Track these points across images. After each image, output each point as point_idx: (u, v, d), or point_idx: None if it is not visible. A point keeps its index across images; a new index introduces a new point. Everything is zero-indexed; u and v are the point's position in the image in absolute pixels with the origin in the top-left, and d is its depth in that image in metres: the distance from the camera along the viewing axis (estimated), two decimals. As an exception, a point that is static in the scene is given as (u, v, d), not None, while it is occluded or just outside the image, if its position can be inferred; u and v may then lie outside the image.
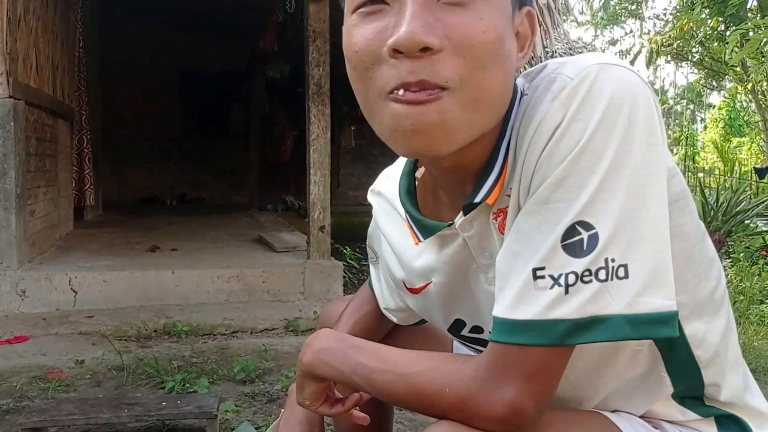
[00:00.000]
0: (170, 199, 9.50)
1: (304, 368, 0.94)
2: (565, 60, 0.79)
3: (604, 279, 0.69)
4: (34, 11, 4.34)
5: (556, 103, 0.73)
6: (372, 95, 0.76)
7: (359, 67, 0.76)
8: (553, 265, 0.71)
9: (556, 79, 0.75)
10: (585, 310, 0.69)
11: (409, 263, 0.98)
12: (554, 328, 0.70)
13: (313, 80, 4.20)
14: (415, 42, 0.69)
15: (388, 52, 0.71)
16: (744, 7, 8.79)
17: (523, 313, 0.71)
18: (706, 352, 0.85)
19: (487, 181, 0.81)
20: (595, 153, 0.70)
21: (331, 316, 1.27)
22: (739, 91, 16.42)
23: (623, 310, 0.69)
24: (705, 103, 25.77)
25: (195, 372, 2.83)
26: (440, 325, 1.01)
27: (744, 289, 4.52)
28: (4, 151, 3.69)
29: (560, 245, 0.71)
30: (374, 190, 1.09)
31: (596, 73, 0.73)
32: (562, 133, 0.72)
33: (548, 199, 0.72)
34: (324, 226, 4.24)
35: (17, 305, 3.69)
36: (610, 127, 0.70)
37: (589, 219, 0.70)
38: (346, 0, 0.79)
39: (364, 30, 0.75)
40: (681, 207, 0.80)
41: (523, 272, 0.72)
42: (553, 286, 0.70)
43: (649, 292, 0.70)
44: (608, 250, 0.69)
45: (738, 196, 7.11)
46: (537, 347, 0.71)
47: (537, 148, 0.74)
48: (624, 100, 0.71)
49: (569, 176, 0.71)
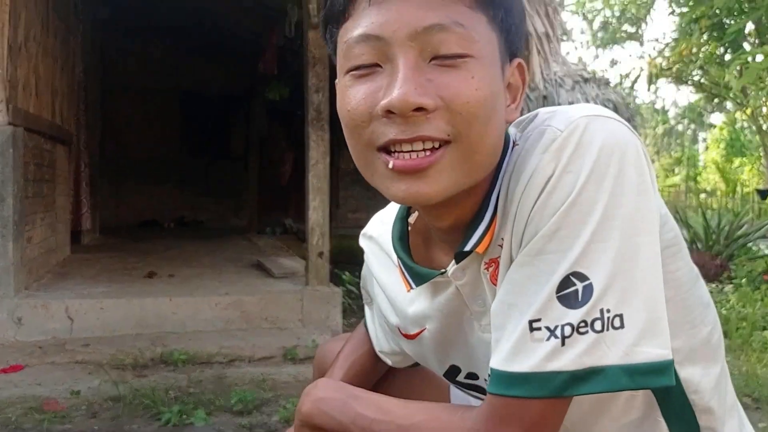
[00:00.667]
0: (168, 222, 9.48)
1: (302, 418, 0.93)
2: (554, 110, 0.81)
3: (600, 330, 0.70)
4: (35, 37, 4.36)
5: (546, 155, 0.74)
6: (364, 149, 0.78)
7: (350, 125, 0.78)
8: (549, 316, 0.71)
9: (546, 131, 0.77)
10: (582, 361, 0.69)
11: (403, 309, 0.98)
12: (552, 380, 0.70)
13: (312, 106, 4.20)
14: (408, 104, 0.71)
15: (382, 112, 0.73)
16: (741, 33, 8.88)
17: (520, 365, 0.72)
18: (701, 397, 0.85)
19: (477, 230, 0.82)
20: (586, 204, 0.71)
21: (327, 355, 1.26)
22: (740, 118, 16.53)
23: (620, 361, 0.69)
24: (706, 123, 25.91)
25: (192, 403, 2.80)
26: (435, 370, 1.01)
27: (746, 315, 4.48)
28: (3, 177, 3.68)
29: (555, 297, 0.71)
30: (366, 235, 1.10)
31: (585, 125, 0.74)
32: (553, 185, 0.73)
33: (542, 251, 0.73)
34: (323, 251, 4.22)
35: (13, 333, 3.66)
36: (600, 178, 0.72)
37: (583, 270, 0.71)
38: (339, 60, 0.81)
39: (356, 91, 0.77)
40: (673, 253, 0.81)
41: (519, 324, 0.73)
42: (550, 337, 0.71)
43: (644, 342, 0.70)
44: (603, 300, 0.70)
45: (740, 219, 7.10)
46: (535, 400, 0.71)
47: (529, 200, 0.75)
48: (613, 150, 0.73)
49: (562, 228, 0.72)
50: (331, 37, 0.84)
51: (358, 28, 0.76)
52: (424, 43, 0.73)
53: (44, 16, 4.63)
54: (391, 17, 0.74)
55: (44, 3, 4.63)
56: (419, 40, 0.73)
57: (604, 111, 0.78)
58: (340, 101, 0.80)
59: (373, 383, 1.17)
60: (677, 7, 13.35)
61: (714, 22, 9.11)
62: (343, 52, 0.79)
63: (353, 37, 0.77)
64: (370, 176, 0.80)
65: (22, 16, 4.01)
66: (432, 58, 0.74)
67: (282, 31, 5.54)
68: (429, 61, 0.74)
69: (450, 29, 0.73)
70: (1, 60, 3.64)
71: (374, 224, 1.09)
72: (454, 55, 0.73)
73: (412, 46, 0.73)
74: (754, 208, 10.73)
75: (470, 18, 0.75)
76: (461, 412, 0.80)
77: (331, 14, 0.81)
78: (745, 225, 7.17)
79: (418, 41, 0.73)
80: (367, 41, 0.75)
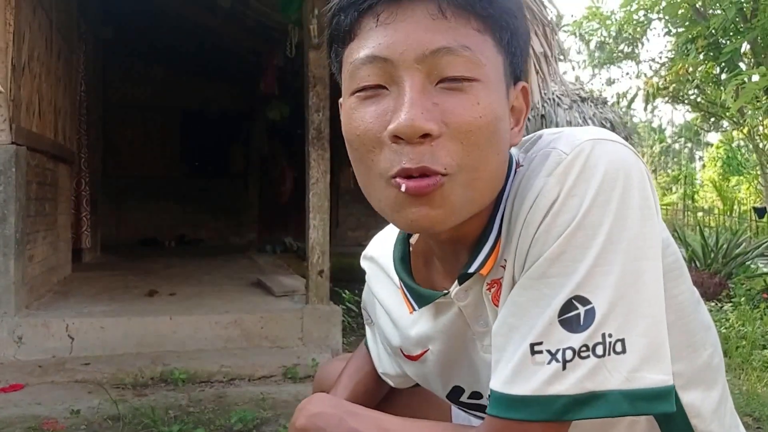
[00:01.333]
0: (169, 241, 9.49)
1: None
2: (559, 133, 0.81)
3: (602, 354, 0.69)
4: (38, 57, 4.40)
5: (551, 178, 0.74)
6: (374, 176, 0.77)
7: (360, 149, 0.77)
8: (551, 340, 0.71)
9: (551, 153, 0.77)
10: (583, 385, 0.69)
11: (405, 331, 0.97)
12: (552, 403, 0.70)
13: (312, 125, 4.23)
14: (415, 129, 0.71)
15: (389, 137, 0.73)
16: (737, 54, 8.95)
17: (520, 388, 0.72)
18: (702, 421, 0.84)
19: (482, 252, 0.82)
20: (591, 228, 0.71)
21: (327, 376, 1.25)
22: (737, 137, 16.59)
23: (621, 386, 0.69)
24: (703, 142, 26.01)
25: (192, 422, 2.79)
26: (438, 392, 1.00)
27: (746, 334, 4.48)
28: (5, 197, 3.70)
29: (557, 320, 0.71)
30: (367, 256, 1.09)
31: (590, 149, 0.74)
32: (558, 208, 0.73)
33: (545, 274, 0.73)
34: (323, 270, 4.23)
35: (13, 352, 3.65)
36: (605, 202, 0.72)
37: (586, 294, 0.70)
38: (344, 81, 0.80)
39: (363, 113, 0.76)
40: (675, 277, 0.81)
41: (520, 347, 0.73)
42: (551, 361, 0.70)
43: (646, 367, 0.70)
44: (605, 325, 0.70)
45: (738, 237, 7.10)
46: (535, 423, 0.71)
47: (533, 223, 0.75)
48: (618, 175, 0.73)
49: (566, 251, 0.72)
50: (336, 56, 0.82)
51: (365, 49, 0.75)
52: (432, 66, 0.73)
53: (47, 36, 4.67)
54: (399, 39, 0.73)
55: (47, 23, 4.68)
56: (426, 63, 0.73)
57: (609, 134, 0.78)
58: (347, 124, 0.79)
59: (377, 402, 1.16)
60: (673, 27, 13.46)
61: (710, 41, 9.19)
62: (349, 73, 0.78)
63: (359, 58, 0.75)
64: (377, 203, 0.78)
65: (26, 36, 4.05)
66: (438, 81, 0.73)
67: (282, 51, 5.58)
68: (436, 84, 0.73)
69: (458, 52, 0.73)
70: (4, 80, 3.67)
71: (375, 245, 1.08)
72: (461, 78, 0.73)
73: (419, 68, 0.73)
74: (752, 226, 10.73)
75: (478, 41, 0.74)
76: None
77: (336, 34, 0.80)
78: (743, 243, 7.17)
79: (425, 64, 0.73)
80: (374, 63, 0.74)
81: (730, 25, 8.05)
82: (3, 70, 3.67)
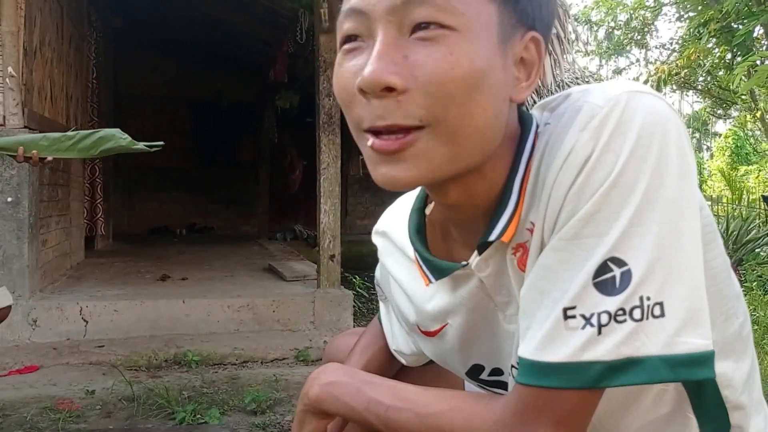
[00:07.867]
0: (180, 229, 9.53)
1: (309, 403, 0.88)
2: (588, 88, 0.76)
3: (639, 318, 0.65)
4: (50, 43, 4.41)
5: (585, 133, 0.69)
6: (356, 131, 0.75)
7: (343, 104, 0.75)
8: (585, 304, 0.67)
9: (583, 107, 0.71)
10: (620, 351, 0.65)
11: (421, 305, 0.93)
12: (587, 370, 0.66)
13: (323, 110, 4.23)
14: (376, 83, 0.68)
15: (358, 91, 0.70)
16: (750, 36, 8.84)
17: (553, 355, 0.68)
18: (734, 392, 0.80)
19: (502, 218, 0.77)
20: (627, 186, 0.67)
21: (337, 350, 1.22)
22: (749, 119, 16.43)
23: (660, 351, 0.65)
24: (711, 132, 25.82)
25: (206, 402, 2.82)
26: (458, 370, 0.96)
27: (758, 319, 4.47)
28: (19, 180, 3.72)
29: (592, 283, 0.67)
30: (378, 231, 1.05)
31: (626, 102, 0.69)
32: (593, 165, 0.68)
33: (578, 235, 0.68)
34: (334, 254, 4.24)
35: (28, 335, 3.69)
36: (642, 158, 0.67)
37: (622, 255, 0.66)
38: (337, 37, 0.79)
39: (344, 69, 0.74)
40: (710, 241, 0.76)
41: (552, 312, 0.69)
42: (585, 326, 0.66)
43: (686, 332, 0.66)
44: (643, 287, 0.66)
45: (748, 224, 7.07)
46: (569, 391, 0.68)
47: (566, 182, 0.70)
48: (655, 130, 0.68)
49: (600, 210, 0.67)
50: None
51: (346, 3, 0.74)
52: (403, 16, 0.69)
53: (58, 22, 4.69)
54: None
55: (58, 9, 4.69)
56: (398, 13, 0.69)
57: (645, 87, 0.73)
58: (333, 79, 0.77)
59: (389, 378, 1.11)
60: (684, 12, 13.33)
61: (723, 25, 9.07)
62: (338, 29, 0.76)
63: (342, 12, 0.74)
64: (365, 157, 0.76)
65: (37, 21, 4.06)
66: (412, 31, 0.69)
67: (293, 37, 5.57)
68: (410, 34, 0.70)
69: (431, 1, 0.68)
70: (16, 63, 3.69)
71: (386, 219, 1.04)
72: (434, 23, 0.68)
73: (391, 20, 0.69)
74: (761, 214, 10.65)
75: None
76: (486, 401, 0.76)
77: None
78: (754, 230, 7.14)
79: (397, 15, 0.69)
80: (352, 15, 0.73)
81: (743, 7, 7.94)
82: (15, 54, 3.69)
